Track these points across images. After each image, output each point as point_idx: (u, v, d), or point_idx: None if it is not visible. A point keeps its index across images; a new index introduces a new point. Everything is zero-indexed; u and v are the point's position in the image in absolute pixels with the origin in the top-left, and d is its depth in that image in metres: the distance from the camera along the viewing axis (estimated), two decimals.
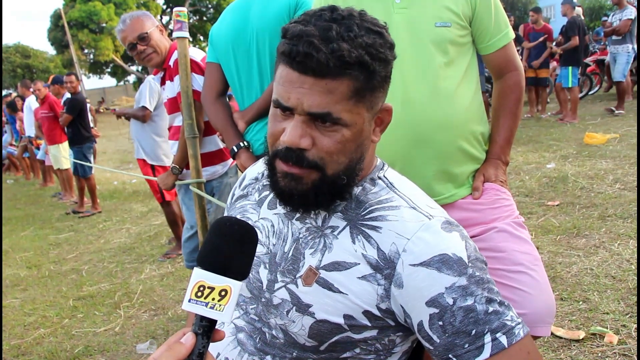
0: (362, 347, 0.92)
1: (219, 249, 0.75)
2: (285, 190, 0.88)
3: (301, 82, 0.82)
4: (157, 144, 4.13)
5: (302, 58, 0.80)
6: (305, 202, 0.89)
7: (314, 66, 0.80)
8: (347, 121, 0.84)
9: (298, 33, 0.81)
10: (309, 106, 0.82)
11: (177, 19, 2.33)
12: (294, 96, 0.83)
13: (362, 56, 0.81)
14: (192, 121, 2.35)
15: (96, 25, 29.27)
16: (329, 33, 0.80)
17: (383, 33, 0.86)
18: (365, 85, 0.84)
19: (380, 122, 0.93)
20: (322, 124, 0.84)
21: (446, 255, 0.83)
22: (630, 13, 7.35)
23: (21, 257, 4.75)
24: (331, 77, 0.81)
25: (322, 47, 0.79)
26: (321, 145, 0.85)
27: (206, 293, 0.72)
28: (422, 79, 1.35)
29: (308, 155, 0.85)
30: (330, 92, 0.82)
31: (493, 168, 1.46)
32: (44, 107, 6.64)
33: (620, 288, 2.52)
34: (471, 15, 1.40)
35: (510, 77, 1.49)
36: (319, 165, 0.86)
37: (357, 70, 0.82)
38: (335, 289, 0.89)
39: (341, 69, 0.81)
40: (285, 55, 0.83)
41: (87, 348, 2.77)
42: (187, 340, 0.71)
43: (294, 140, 0.84)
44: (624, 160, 4.86)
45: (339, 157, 0.86)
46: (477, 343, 0.80)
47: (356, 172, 0.90)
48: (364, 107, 0.86)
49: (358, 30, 0.82)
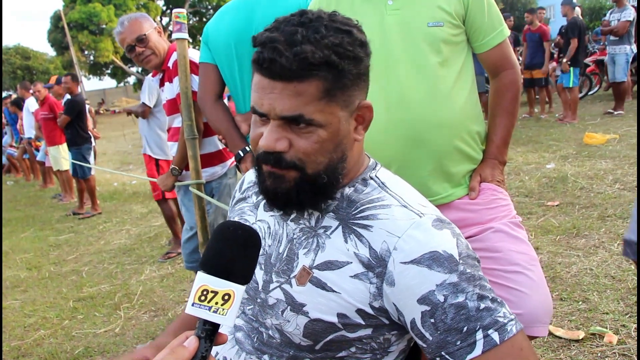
0: (358, 347, 0.92)
1: (223, 253, 0.76)
2: (270, 189, 0.91)
3: (272, 88, 0.84)
4: (162, 139, 4.14)
5: (268, 64, 0.82)
6: (289, 201, 0.91)
7: (279, 71, 0.82)
8: (321, 121, 0.85)
9: (264, 40, 0.83)
10: (280, 110, 0.84)
11: (176, 20, 2.33)
12: (266, 102, 0.85)
13: (329, 56, 0.82)
14: (191, 122, 2.35)
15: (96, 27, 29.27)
16: (294, 37, 0.82)
17: (352, 31, 0.87)
18: (334, 85, 0.85)
19: (361, 120, 0.94)
20: (297, 126, 0.86)
21: (437, 252, 0.84)
22: (629, 14, 7.32)
23: (21, 259, 4.75)
24: (298, 80, 0.83)
25: (285, 52, 0.81)
26: (298, 146, 0.86)
27: (209, 297, 0.73)
28: (417, 79, 1.35)
29: (286, 157, 0.87)
30: (299, 94, 0.83)
31: (490, 168, 1.46)
32: (44, 108, 6.65)
33: (620, 288, 2.52)
34: (464, 13, 1.40)
35: (506, 76, 1.49)
36: (297, 166, 0.87)
37: (324, 70, 0.83)
38: (328, 288, 0.89)
39: (306, 71, 0.82)
40: (255, 63, 0.85)
41: (87, 349, 2.77)
42: (190, 344, 0.72)
43: (270, 144, 0.86)
44: (623, 161, 4.87)
45: (317, 157, 0.87)
46: (468, 340, 0.81)
47: (339, 171, 0.91)
48: (337, 106, 0.87)
49: (325, 31, 0.83)
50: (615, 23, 7.47)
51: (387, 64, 1.35)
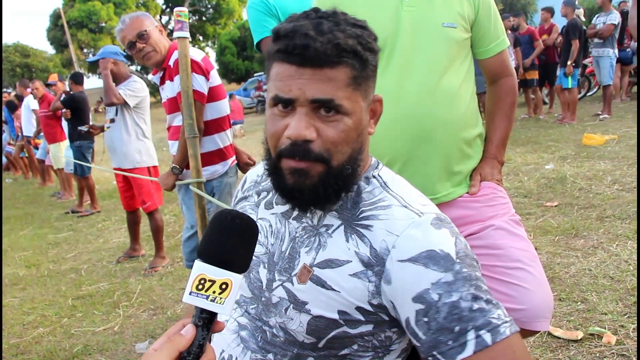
0: (360, 344, 0.93)
1: (220, 242, 0.76)
2: (295, 187, 0.89)
3: (300, 74, 0.84)
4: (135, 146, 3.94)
5: (300, 50, 0.83)
6: (316, 197, 0.90)
7: (313, 55, 0.83)
8: (348, 109, 0.87)
9: (292, 29, 0.84)
10: (312, 94, 0.84)
11: (177, 18, 2.33)
12: (295, 87, 0.85)
13: (355, 45, 0.85)
14: (192, 121, 2.36)
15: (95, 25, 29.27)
16: (321, 27, 0.84)
17: (366, 26, 0.90)
18: (360, 73, 0.88)
19: (373, 114, 0.96)
20: (326, 113, 0.86)
21: (433, 251, 0.84)
22: (615, 18, 7.42)
23: (20, 256, 4.75)
24: (329, 66, 0.84)
25: (319, 37, 0.82)
26: (325, 135, 0.86)
27: (207, 286, 0.73)
28: (426, 77, 1.37)
29: (314, 147, 0.86)
30: (330, 80, 0.84)
31: (489, 167, 1.49)
32: (43, 106, 6.64)
33: (619, 289, 2.53)
34: (474, 18, 1.44)
35: (505, 82, 1.54)
36: (324, 157, 0.87)
37: (352, 58, 0.85)
38: (328, 286, 0.90)
39: (338, 57, 0.84)
40: (281, 52, 0.85)
41: (86, 347, 2.77)
42: (187, 332, 0.72)
43: (300, 132, 0.85)
44: (622, 161, 4.87)
45: (343, 146, 0.88)
46: (460, 340, 0.80)
47: (358, 162, 0.92)
48: (360, 95, 0.89)
49: (345, 24, 0.86)
50: (600, 26, 7.56)
51: (399, 60, 1.37)
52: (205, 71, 2.53)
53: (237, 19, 34.07)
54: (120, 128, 3.84)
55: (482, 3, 1.44)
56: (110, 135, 3.90)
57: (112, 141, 3.89)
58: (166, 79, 2.63)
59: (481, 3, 1.43)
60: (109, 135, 3.91)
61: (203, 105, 2.52)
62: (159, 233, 4.03)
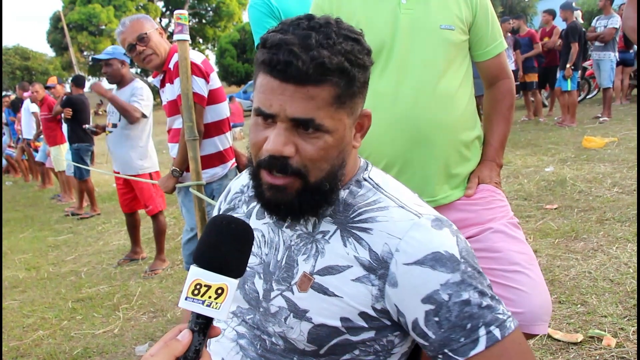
0: (361, 349, 0.93)
1: (215, 247, 0.76)
2: (272, 201, 0.90)
3: (282, 90, 0.83)
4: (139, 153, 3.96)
5: (283, 66, 0.81)
6: (292, 211, 0.91)
7: (295, 74, 0.81)
8: (330, 127, 0.85)
9: (278, 42, 0.82)
10: (292, 112, 0.83)
11: (178, 21, 2.34)
12: (276, 103, 0.83)
13: (342, 63, 0.83)
14: (192, 123, 2.36)
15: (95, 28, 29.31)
16: (308, 41, 0.81)
17: (360, 39, 0.88)
18: (345, 92, 0.85)
19: (360, 128, 0.95)
20: (305, 130, 0.85)
21: (439, 253, 0.85)
22: (616, 22, 7.44)
23: (20, 259, 4.75)
24: (312, 84, 0.82)
25: (302, 55, 0.80)
26: (304, 152, 0.85)
27: (203, 291, 0.73)
28: (424, 80, 1.37)
29: (291, 162, 0.85)
30: (312, 98, 0.83)
31: (488, 170, 1.49)
32: (43, 109, 6.64)
33: (619, 291, 2.53)
34: (472, 21, 1.44)
35: (502, 85, 1.55)
36: (302, 173, 0.86)
37: (337, 76, 0.83)
38: (330, 293, 0.90)
39: (322, 76, 0.82)
40: (266, 64, 0.83)
41: (86, 350, 2.77)
42: (184, 337, 0.73)
43: (277, 147, 0.84)
44: (622, 164, 4.88)
45: (322, 163, 0.87)
46: (472, 336, 0.82)
47: (338, 178, 0.91)
48: (344, 113, 0.87)
49: (336, 37, 0.83)
50: (601, 29, 7.58)
51: (396, 62, 1.37)
52: (205, 74, 2.54)
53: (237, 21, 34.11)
54: (122, 134, 3.83)
55: (480, 5, 1.44)
56: (113, 140, 3.89)
57: (114, 146, 3.88)
58: (166, 82, 2.64)
59: (479, 5, 1.44)
60: (112, 140, 3.90)
61: (203, 107, 2.52)
62: (161, 236, 4.03)
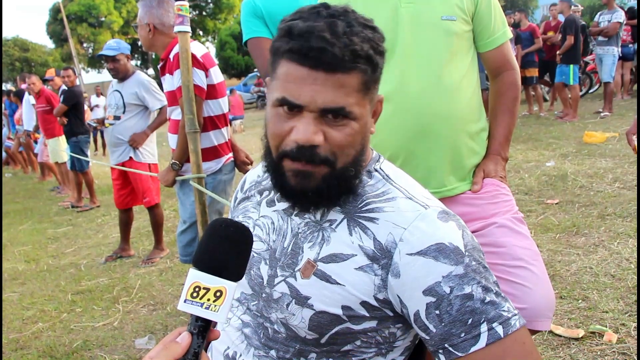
0: (363, 340, 0.92)
1: (214, 250, 0.77)
2: (297, 189, 0.88)
3: (313, 78, 0.82)
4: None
5: (316, 53, 0.80)
6: (319, 198, 0.90)
7: (329, 60, 0.80)
8: (357, 114, 0.86)
9: (306, 29, 0.81)
10: (323, 102, 0.83)
11: (178, 12, 2.31)
12: (307, 93, 0.82)
13: (369, 49, 0.83)
14: (193, 116, 2.34)
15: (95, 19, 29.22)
16: (336, 28, 0.81)
17: (376, 27, 0.88)
18: (371, 78, 0.86)
19: (374, 114, 0.95)
20: (333, 118, 0.85)
21: (443, 244, 0.84)
22: (620, 16, 7.46)
23: (19, 251, 4.74)
24: (343, 71, 0.82)
25: (336, 42, 0.80)
26: (332, 139, 0.85)
27: (201, 294, 0.74)
28: (427, 71, 1.36)
29: (320, 151, 0.85)
30: (342, 86, 0.83)
31: (493, 163, 1.47)
32: (40, 101, 6.61)
33: (620, 287, 2.53)
34: (474, 11, 1.43)
35: (507, 76, 1.52)
36: (330, 160, 0.86)
37: (364, 63, 0.83)
38: (332, 281, 0.89)
39: (353, 63, 0.82)
40: (294, 52, 0.82)
41: (86, 342, 2.77)
42: (183, 340, 0.73)
43: (309, 137, 0.84)
44: (623, 159, 4.87)
45: (349, 150, 0.88)
46: (473, 332, 0.81)
47: (360, 163, 0.92)
48: (368, 99, 0.88)
49: (357, 25, 0.83)
50: (605, 24, 7.57)
51: (399, 55, 1.36)
52: (204, 66, 2.52)
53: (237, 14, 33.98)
54: (128, 125, 3.84)
55: None
56: (117, 131, 3.87)
57: (117, 138, 3.87)
58: (166, 72, 2.62)
59: None
60: (115, 132, 3.88)
61: (202, 99, 2.50)
62: (158, 227, 4.07)
